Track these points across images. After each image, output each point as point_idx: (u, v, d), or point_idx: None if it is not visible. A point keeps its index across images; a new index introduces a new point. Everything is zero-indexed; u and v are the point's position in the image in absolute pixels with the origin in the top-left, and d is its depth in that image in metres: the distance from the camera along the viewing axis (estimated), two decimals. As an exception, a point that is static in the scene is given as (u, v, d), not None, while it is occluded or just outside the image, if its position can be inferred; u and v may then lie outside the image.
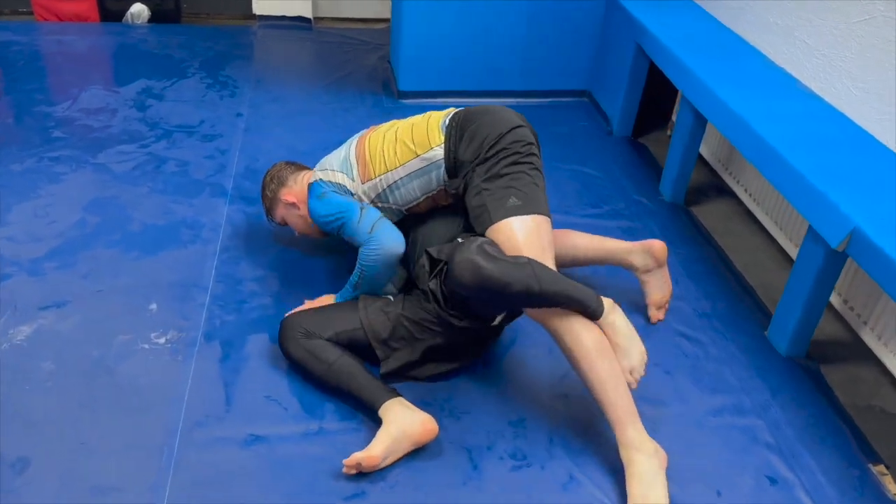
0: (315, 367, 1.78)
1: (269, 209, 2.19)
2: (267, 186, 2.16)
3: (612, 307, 1.71)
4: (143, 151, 2.80)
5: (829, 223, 1.78)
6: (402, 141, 1.94)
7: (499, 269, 1.58)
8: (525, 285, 1.59)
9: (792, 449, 1.78)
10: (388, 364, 1.83)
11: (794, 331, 2.01)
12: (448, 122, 1.90)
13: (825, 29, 2.26)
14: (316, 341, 1.80)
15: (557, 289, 1.62)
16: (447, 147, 1.87)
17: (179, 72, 3.46)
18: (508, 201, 1.76)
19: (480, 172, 1.81)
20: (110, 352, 1.91)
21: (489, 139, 1.82)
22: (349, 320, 1.84)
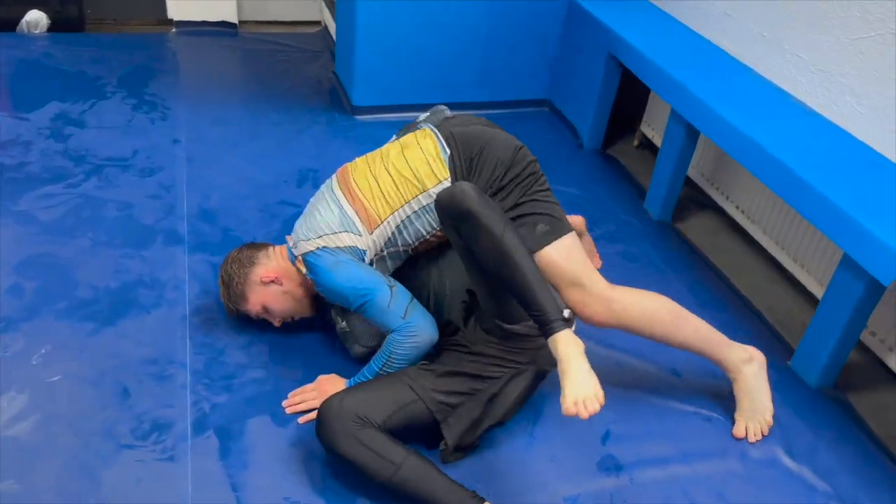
0: (377, 469, 1.50)
1: (240, 301, 1.86)
2: (231, 278, 1.84)
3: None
4: (72, 193, 2.41)
5: (878, 260, 1.71)
6: (403, 176, 1.75)
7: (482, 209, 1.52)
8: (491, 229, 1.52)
9: (852, 495, 1.70)
10: (451, 426, 1.63)
11: (825, 362, 1.94)
12: (449, 154, 1.76)
13: (823, 44, 2.20)
14: (371, 433, 1.53)
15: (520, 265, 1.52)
16: (455, 181, 1.73)
17: (96, 91, 3.03)
18: (537, 229, 1.71)
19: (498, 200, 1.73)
20: (87, 462, 1.58)
21: (499, 169, 1.73)
22: (399, 394, 1.61)
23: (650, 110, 2.99)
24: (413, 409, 1.62)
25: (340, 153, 2.82)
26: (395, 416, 1.59)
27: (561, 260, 1.72)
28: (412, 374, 1.66)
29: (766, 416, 1.83)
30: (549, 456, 1.72)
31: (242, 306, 1.86)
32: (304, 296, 1.87)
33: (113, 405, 1.72)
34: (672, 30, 2.78)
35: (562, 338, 1.49)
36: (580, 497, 1.64)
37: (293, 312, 1.89)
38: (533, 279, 1.53)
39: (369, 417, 1.55)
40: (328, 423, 1.54)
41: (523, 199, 1.73)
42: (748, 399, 1.83)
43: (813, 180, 1.91)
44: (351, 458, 1.51)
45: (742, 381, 1.82)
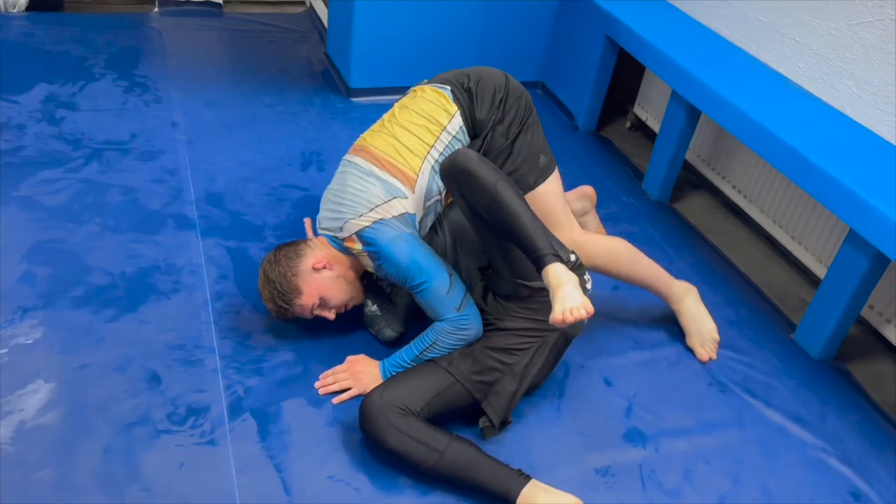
0: (423, 458, 1.53)
1: (294, 296, 1.75)
2: (281, 274, 1.75)
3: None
4: (74, 178, 2.36)
5: (886, 236, 1.79)
6: (418, 124, 1.84)
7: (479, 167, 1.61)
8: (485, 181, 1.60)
9: (861, 460, 1.80)
10: (491, 404, 1.67)
11: (829, 335, 2.04)
12: (449, 89, 1.89)
13: (821, 29, 2.28)
14: (414, 422, 1.56)
15: (513, 210, 1.58)
16: (463, 112, 1.86)
17: (84, 73, 2.95)
18: (539, 161, 1.90)
19: (501, 131, 1.87)
20: (125, 448, 1.57)
21: (498, 93, 1.87)
22: (436, 380, 1.64)
23: (644, 93, 3.04)
24: (451, 392, 1.65)
25: (340, 136, 2.81)
26: (434, 402, 1.62)
27: (550, 198, 1.92)
28: (447, 358, 1.69)
29: (713, 336, 2.04)
30: (577, 430, 1.78)
31: (297, 301, 1.76)
32: (356, 278, 1.85)
33: (145, 391, 1.71)
34: (667, 14, 2.83)
35: (552, 268, 1.53)
36: (610, 468, 1.70)
37: (349, 298, 1.83)
38: (526, 220, 1.58)
39: (409, 406, 1.58)
40: (372, 417, 1.57)
41: (523, 123, 1.89)
42: (694, 324, 2.04)
43: (818, 160, 1.99)
44: (397, 450, 1.54)
45: (685, 310, 2.05)
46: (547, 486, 1.55)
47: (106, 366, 1.75)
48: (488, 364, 1.68)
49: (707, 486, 1.68)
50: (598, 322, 2.09)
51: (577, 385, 1.90)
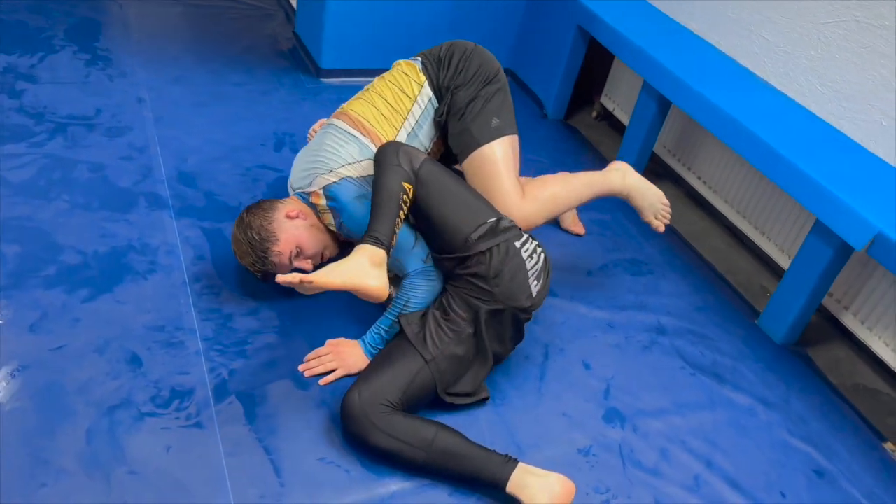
0: (410, 456, 1.54)
1: (271, 243, 1.80)
2: (259, 224, 1.80)
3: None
4: (38, 153, 2.27)
5: (851, 227, 1.89)
6: (392, 94, 1.96)
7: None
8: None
9: (823, 439, 1.90)
10: (439, 367, 1.66)
11: (792, 321, 2.14)
12: (420, 61, 2.01)
13: (788, 27, 2.37)
14: (397, 419, 1.56)
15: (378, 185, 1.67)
16: (430, 80, 1.97)
17: (43, 44, 2.84)
18: (492, 122, 1.94)
19: (461, 95, 1.94)
20: (109, 431, 1.54)
21: (462, 61, 1.96)
22: (407, 364, 1.64)
23: (611, 83, 3.10)
24: (424, 375, 1.65)
25: (311, 116, 2.77)
26: (411, 389, 1.63)
27: (499, 161, 1.94)
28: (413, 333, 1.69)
29: (662, 202, 2.09)
30: (559, 411, 1.82)
31: (275, 249, 1.80)
32: (326, 231, 1.89)
33: (126, 373, 1.67)
34: (638, 7, 2.89)
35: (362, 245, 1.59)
36: (592, 447, 1.75)
37: (323, 246, 1.88)
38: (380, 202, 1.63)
39: (389, 400, 1.59)
40: (354, 420, 1.57)
41: (481, 94, 1.95)
42: (643, 199, 2.09)
43: (786, 152, 2.07)
44: (383, 450, 1.55)
45: (631, 192, 2.08)
46: (535, 469, 1.59)
47: (84, 347, 1.71)
48: (439, 332, 1.69)
49: (683, 464, 1.75)
50: (575, 307, 2.14)
51: (557, 368, 1.94)
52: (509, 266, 1.69)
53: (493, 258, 1.68)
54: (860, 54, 2.16)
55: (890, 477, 1.84)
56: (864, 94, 2.16)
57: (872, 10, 2.10)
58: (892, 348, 2.11)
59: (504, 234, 1.71)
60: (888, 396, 2.11)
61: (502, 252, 1.69)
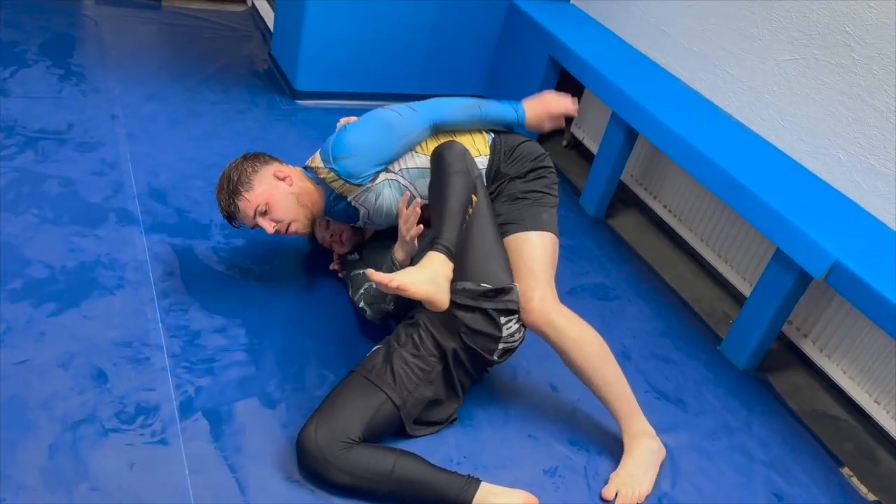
0: (371, 489, 1.53)
1: (243, 189, 1.82)
2: (242, 170, 1.84)
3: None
4: (8, 166, 2.26)
5: (810, 256, 1.95)
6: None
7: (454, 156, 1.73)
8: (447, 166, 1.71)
9: (783, 463, 1.94)
10: (409, 411, 1.67)
11: (753, 347, 2.19)
12: (493, 137, 2.01)
13: (750, 63, 2.45)
14: (356, 455, 1.53)
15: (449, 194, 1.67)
16: (492, 160, 1.97)
17: (15, 58, 2.82)
18: (542, 216, 1.92)
19: (518, 184, 1.95)
20: (71, 447, 1.52)
21: (533, 160, 1.98)
22: (368, 399, 1.61)
23: (581, 113, 3.17)
24: (386, 409, 1.63)
25: (286, 136, 2.80)
26: (373, 422, 1.60)
27: (537, 248, 1.87)
28: (368, 366, 1.68)
29: (640, 490, 1.72)
30: (525, 432, 1.84)
31: (245, 195, 1.82)
32: (309, 207, 1.89)
33: (91, 388, 1.65)
34: (607, 39, 2.97)
35: (433, 253, 1.61)
36: (558, 469, 1.76)
37: (293, 217, 1.86)
38: (450, 211, 1.64)
39: (350, 437, 1.55)
40: (311, 457, 1.53)
41: (539, 189, 1.96)
42: (633, 467, 1.74)
43: (748, 183, 2.14)
44: (347, 486, 1.53)
45: (637, 451, 1.76)
46: (498, 488, 1.60)
47: (48, 362, 1.69)
48: (406, 370, 1.68)
49: (647, 486, 1.78)
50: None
51: (524, 389, 1.96)
52: (482, 336, 1.71)
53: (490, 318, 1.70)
54: (819, 90, 2.24)
55: (847, 500, 1.88)
56: (823, 128, 2.24)
57: (831, 49, 2.20)
58: (850, 375, 2.17)
59: (504, 301, 1.72)
60: (846, 423, 2.16)
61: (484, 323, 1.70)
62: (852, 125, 2.15)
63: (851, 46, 2.14)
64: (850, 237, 2.00)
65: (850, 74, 2.15)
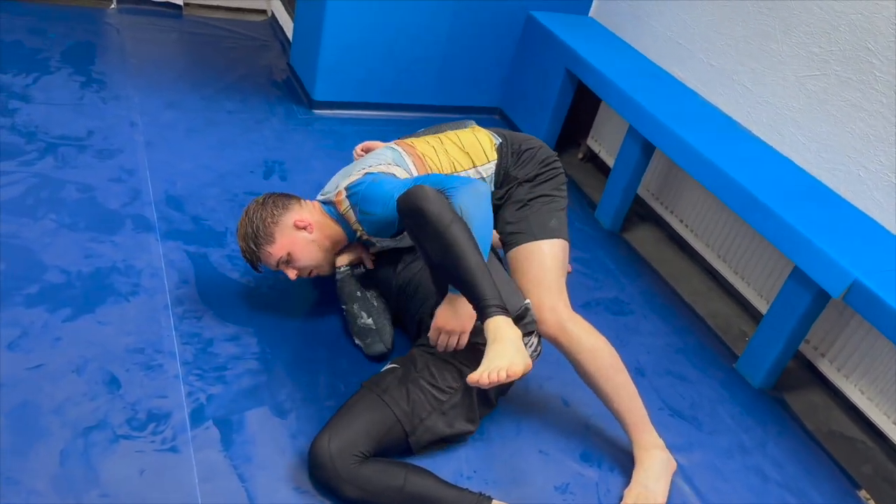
0: (386, 501, 1.52)
1: (266, 243, 1.81)
2: (263, 219, 1.82)
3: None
4: (27, 171, 2.28)
5: (828, 275, 1.93)
6: (458, 150, 1.95)
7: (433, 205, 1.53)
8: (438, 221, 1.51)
9: (798, 484, 1.91)
10: (419, 438, 1.66)
11: (769, 366, 2.16)
12: (500, 142, 2.00)
13: (770, 78, 2.44)
14: (367, 470, 1.53)
15: (462, 251, 1.51)
16: (500, 164, 1.97)
17: (39, 65, 2.86)
18: (551, 222, 1.91)
19: (526, 188, 1.95)
20: (83, 453, 1.52)
21: (541, 163, 1.98)
22: (379, 416, 1.60)
23: (598, 126, 3.16)
24: (396, 431, 1.62)
25: (303, 145, 2.81)
26: (383, 441, 1.60)
27: (548, 258, 1.88)
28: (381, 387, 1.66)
29: (658, 501, 1.71)
30: (537, 447, 1.82)
31: (267, 249, 1.82)
32: (331, 249, 1.89)
33: (103, 394, 1.66)
34: (625, 53, 2.96)
35: (494, 321, 1.50)
36: (569, 485, 1.75)
37: (315, 265, 1.87)
38: (474, 264, 1.51)
39: (361, 451, 1.55)
40: (323, 469, 1.52)
41: (548, 193, 1.95)
42: (645, 479, 1.73)
43: (766, 199, 2.12)
44: (354, 502, 1.52)
45: (648, 463, 1.75)
46: None
47: (62, 367, 1.70)
48: (421, 398, 1.66)
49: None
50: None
51: (536, 404, 1.94)
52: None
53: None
54: (839, 107, 2.22)
55: (863, 524, 1.85)
56: (843, 145, 2.22)
57: (852, 66, 2.18)
58: (868, 396, 2.13)
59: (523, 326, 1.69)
60: (863, 444, 2.12)
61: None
62: (873, 142, 2.13)
63: (873, 63, 2.12)
64: (870, 256, 1.97)
65: (871, 91, 2.13)
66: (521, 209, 1.92)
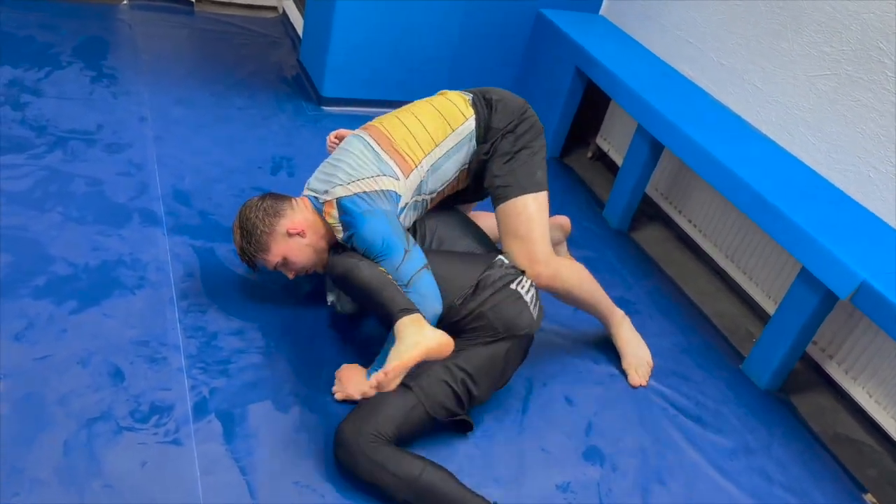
0: (398, 488, 1.54)
1: (261, 251, 1.83)
2: (256, 227, 1.81)
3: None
4: (36, 165, 2.30)
5: (836, 276, 1.91)
6: (431, 119, 1.94)
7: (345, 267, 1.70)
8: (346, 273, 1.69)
9: (802, 487, 1.90)
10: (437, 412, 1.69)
11: (776, 367, 2.14)
12: (472, 97, 2.00)
13: (781, 77, 2.42)
14: (388, 452, 1.56)
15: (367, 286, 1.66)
16: (478, 118, 1.96)
17: (51, 59, 2.88)
18: (537, 174, 1.96)
19: (511, 140, 1.96)
20: (86, 444, 1.54)
21: (517, 111, 1.99)
22: (402, 401, 1.64)
23: (607, 125, 3.15)
24: (416, 413, 1.65)
25: (311, 142, 2.82)
26: (404, 426, 1.63)
27: (535, 213, 1.93)
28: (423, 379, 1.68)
29: (648, 361, 2.12)
30: (539, 446, 1.82)
31: (262, 256, 1.83)
32: (325, 249, 1.88)
33: (107, 386, 1.67)
34: (635, 52, 2.95)
35: (396, 325, 1.59)
36: (571, 484, 1.74)
37: (311, 265, 1.88)
38: (380, 292, 1.64)
39: (382, 433, 1.58)
40: (344, 447, 1.57)
41: (530, 144, 1.98)
42: (630, 348, 2.11)
43: (775, 200, 2.10)
44: (370, 481, 1.55)
45: (623, 333, 2.12)
46: None
47: (67, 358, 1.71)
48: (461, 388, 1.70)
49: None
50: (560, 342, 2.15)
51: (539, 402, 1.94)
52: (506, 304, 1.75)
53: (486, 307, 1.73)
54: (850, 107, 2.20)
55: (868, 528, 1.84)
56: (853, 145, 2.19)
57: (863, 65, 2.15)
58: (876, 399, 2.11)
59: (491, 287, 1.76)
60: (870, 448, 2.10)
61: (496, 298, 1.75)
62: (884, 143, 2.11)
63: (884, 63, 2.10)
64: (879, 257, 1.95)
65: (882, 91, 2.11)
66: (508, 162, 1.94)
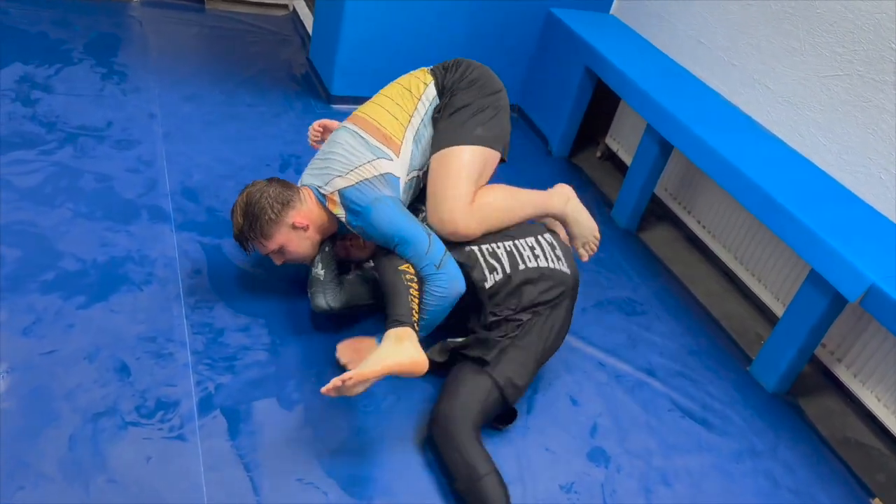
0: (458, 473, 1.61)
1: (261, 236, 1.83)
2: (264, 212, 1.81)
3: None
4: (47, 160, 2.31)
5: (846, 278, 1.89)
6: (399, 94, 1.99)
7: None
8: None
9: (809, 490, 1.88)
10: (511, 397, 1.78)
11: (784, 370, 2.13)
12: (431, 67, 2.06)
13: (792, 78, 2.40)
14: (469, 438, 1.64)
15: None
16: (436, 81, 2.00)
17: (62, 56, 2.90)
18: (475, 130, 1.92)
19: (460, 97, 1.95)
20: (91, 439, 1.54)
21: (471, 70, 2.00)
22: (480, 385, 1.73)
23: (617, 125, 3.14)
24: (494, 397, 1.74)
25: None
26: (485, 406, 1.72)
27: (466, 161, 1.88)
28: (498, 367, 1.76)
29: (594, 234, 2.08)
30: (543, 445, 1.81)
31: (261, 241, 1.84)
32: (319, 242, 1.92)
33: (113, 381, 1.68)
34: (645, 51, 2.94)
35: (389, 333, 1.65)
36: (574, 485, 1.73)
37: (304, 257, 1.91)
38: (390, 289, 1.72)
39: (474, 421, 1.68)
40: (442, 425, 1.66)
41: (480, 103, 1.95)
42: (577, 227, 2.07)
43: (784, 201, 2.09)
44: (444, 458, 1.64)
45: (569, 217, 2.06)
46: None
47: (74, 353, 1.72)
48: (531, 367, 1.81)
49: (665, 507, 1.74)
50: (567, 342, 2.14)
51: (544, 402, 1.93)
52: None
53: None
54: (862, 108, 2.18)
55: (876, 533, 1.82)
56: (864, 147, 2.18)
57: (875, 66, 2.13)
58: (885, 403, 2.10)
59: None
60: (878, 452, 2.09)
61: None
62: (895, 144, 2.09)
63: (896, 63, 2.08)
64: (888, 260, 1.94)
65: (894, 92, 2.09)
66: (449, 117, 1.93)
